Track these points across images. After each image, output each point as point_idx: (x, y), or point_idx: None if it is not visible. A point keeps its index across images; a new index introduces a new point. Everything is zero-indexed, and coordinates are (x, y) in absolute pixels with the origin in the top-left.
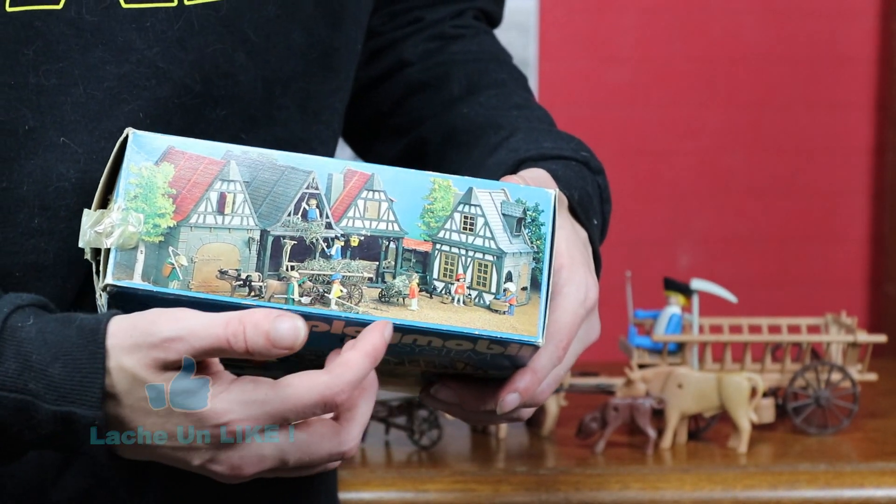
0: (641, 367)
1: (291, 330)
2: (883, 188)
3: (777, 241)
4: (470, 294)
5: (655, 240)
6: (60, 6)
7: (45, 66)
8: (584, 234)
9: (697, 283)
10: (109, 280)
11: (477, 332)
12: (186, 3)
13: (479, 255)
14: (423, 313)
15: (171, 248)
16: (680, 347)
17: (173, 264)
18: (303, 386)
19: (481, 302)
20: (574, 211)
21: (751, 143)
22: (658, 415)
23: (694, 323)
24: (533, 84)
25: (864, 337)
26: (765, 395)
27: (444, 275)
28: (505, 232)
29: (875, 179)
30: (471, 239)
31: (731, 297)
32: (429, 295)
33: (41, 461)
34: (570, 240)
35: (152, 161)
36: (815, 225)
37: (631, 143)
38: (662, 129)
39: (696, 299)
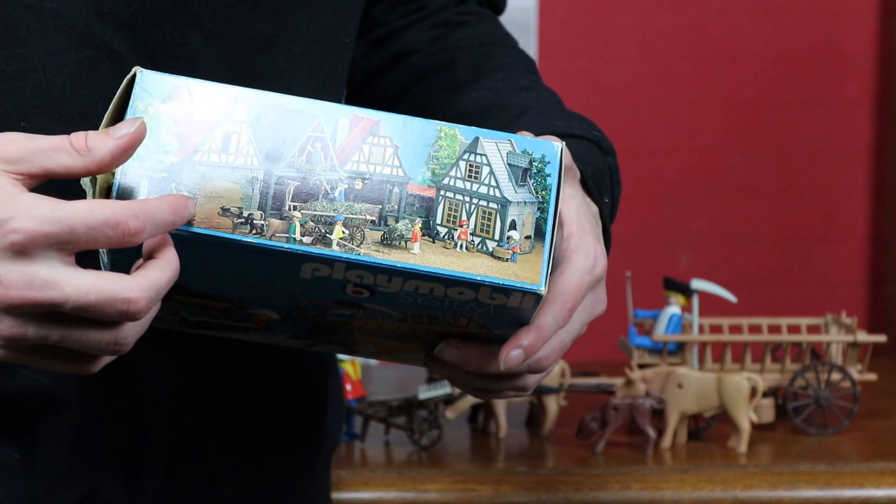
0: (641, 367)
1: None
2: (883, 188)
3: (777, 241)
4: (473, 240)
5: (655, 240)
6: None
7: (5, 51)
8: (595, 208)
9: (697, 283)
10: None
11: (479, 278)
12: None
13: (483, 203)
14: (425, 257)
15: (173, 184)
16: (680, 347)
17: None
18: (95, 202)
19: (484, 248)
20: (586, 185)
21: (751, 143)
22: (658, 415)
23: (694, 323)
24: None
25: (864, 337)
26: (765, 395)
27: (448, 221)
28: (510, 181)
29: (875, 179)
30: (475, 187)
31: (731, 297)
32: (431, 240)
33: (33, 471)
34: (581, 210)
35: (159, 99)
36: (815, 225)
37: (631, 143)
38: (662, 129)
39: (695, 299)
